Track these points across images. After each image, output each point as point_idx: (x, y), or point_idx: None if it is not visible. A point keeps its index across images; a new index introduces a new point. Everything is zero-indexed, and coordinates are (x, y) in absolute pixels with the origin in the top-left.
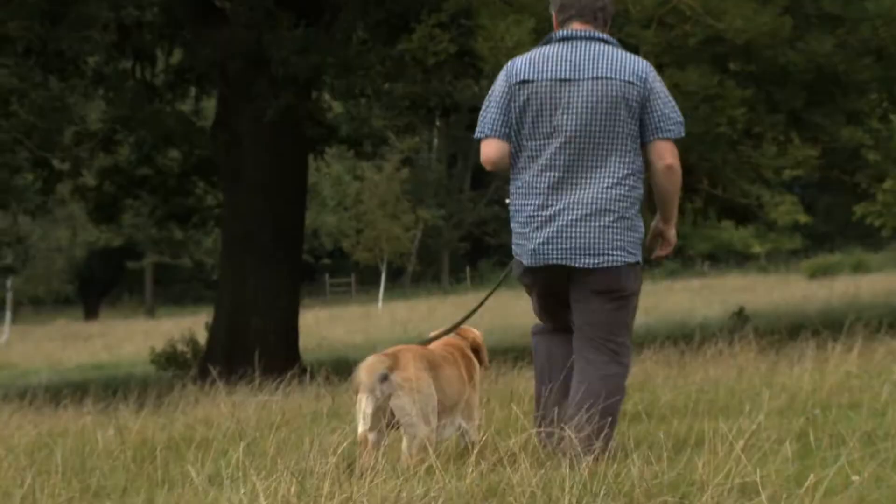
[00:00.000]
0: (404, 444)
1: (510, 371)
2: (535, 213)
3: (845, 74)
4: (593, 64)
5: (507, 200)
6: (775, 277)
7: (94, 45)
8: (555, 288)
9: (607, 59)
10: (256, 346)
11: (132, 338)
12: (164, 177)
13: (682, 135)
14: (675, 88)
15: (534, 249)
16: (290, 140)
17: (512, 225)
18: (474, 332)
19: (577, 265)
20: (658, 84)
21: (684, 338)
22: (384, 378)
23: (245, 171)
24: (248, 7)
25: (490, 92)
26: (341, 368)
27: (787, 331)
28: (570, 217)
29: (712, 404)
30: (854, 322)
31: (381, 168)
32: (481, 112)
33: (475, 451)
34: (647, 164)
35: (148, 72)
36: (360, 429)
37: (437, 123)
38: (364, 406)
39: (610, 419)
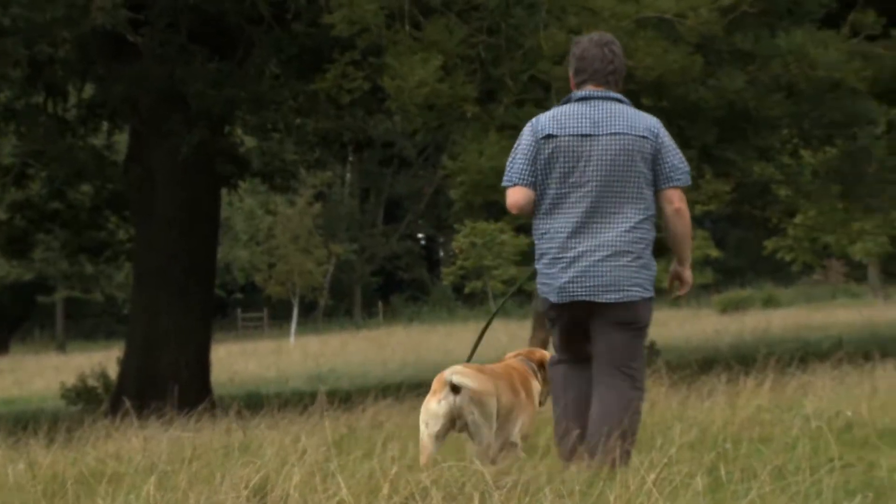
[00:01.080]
0: (471, 448)
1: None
2: (560, 255)
3: (756, 110)
4: (611, 121)
5: (535, 241)
6: (686, 312)
7: (6, 80)
8: (578, 322)
9: (623, 117)
10: (168, 380)
11: (43, 373)
12: (76, 211)
13: (689, 183)
14: None
15: (561, 287)
16: (203, 174)
17: (537, 266)
18: (542, 352)
19: (600, 300)
20: (667, 138)
21: None
22: (457, 389)
23: (157, 206)
24: (160, 42)
25: (516, 145)
26: (253, 403)
27: (698, 365)
28: (593, 258)
29: None
30: (765, 356)
31: (294, 202)
32: (508, 162)
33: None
34: (659, 209)
35: (60, 106)
36: (424, 430)
37: (350, 158)
38: (435, 408)
39: (632, 438)
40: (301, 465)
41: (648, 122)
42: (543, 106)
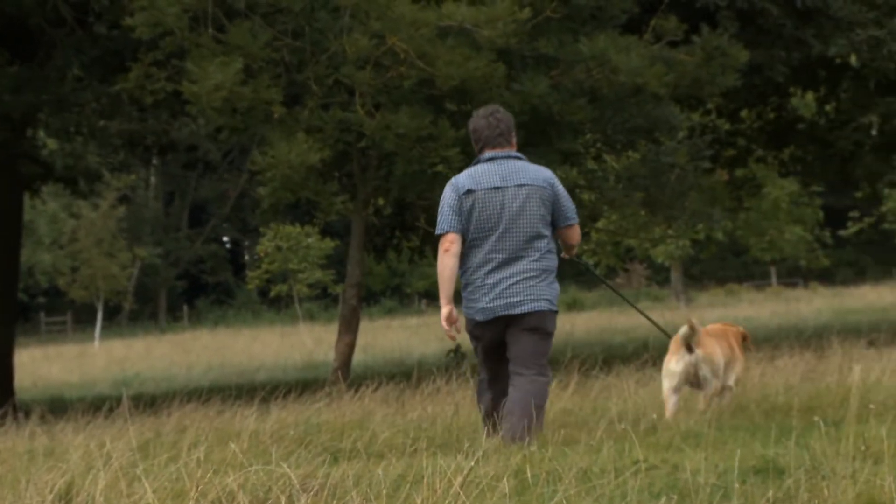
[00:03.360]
0: (703, 394)
1: (228, 409)
2: (482, 284)
3: (560, 115)
4: (516, 175)
5: (460, 275)
6: None
7: None
8: (498, 340)
9: (525, 171)
10: None
11: None
12: None
13: (578, 221)
14: (387, 130)
15: (483, 307)
16: (5, 177)
17: (463, 294)
18: (739, 327)
19: (514, 312)
20: (560, 187)
21: (402, 375)
22: (690, 349)
23: None
24: None
25: (442, 200)
26: (57, 408)
27: None
28: (508, 282)
29: (431, 441)
30: (570, 359)
31: (98, 206)
32: (439, 213)
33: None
34: (560, 240)
35: None
36: (667, 385)
37: (154, 161)
38: (674, 368)
39: (541, 413)
40: (107, 470)
41: (546, 175)
42: (348, 109)
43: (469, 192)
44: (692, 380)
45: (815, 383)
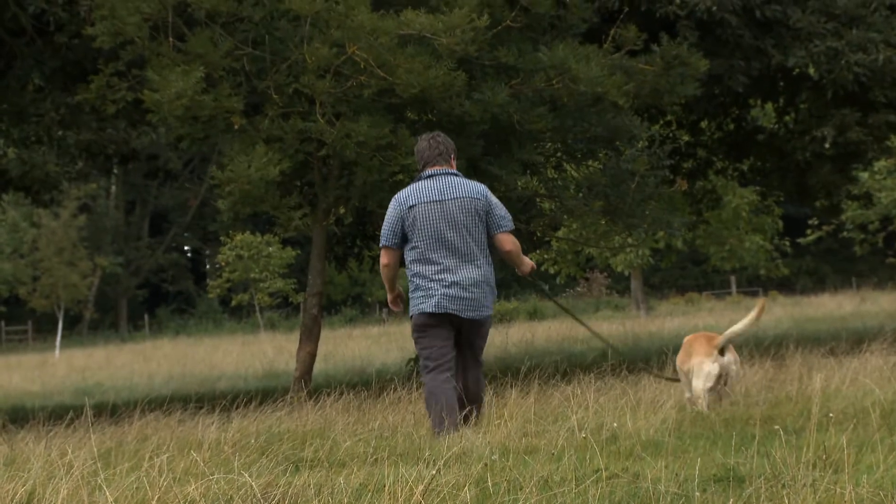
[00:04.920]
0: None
1: (189, 418)
2: (429, 287)
3: (520, 124)
4: (452, 189)
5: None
6: None
7: None
8: (446, 331)
9: (460, 186)
10: None
11: None
12: None
13: (513, 227)
14: (347, 139)
15: (436, 303)
16: None
17: (411, 296)
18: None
19: (465, 317)
20: (493, 197)
21: (363, 384)
22: (723, 353)
23: None
24: None
25: (387, 214)
26: (18, 417)
27: None
28: (458, 287)
29: (392, 450)
30: (531, 368)
31: (58, 215)
32: (383, 227)
33: None
34: (494, 247)
35: None
36: (700, 386)
37: (115, 170)
38: (712, 370)
39: (483, 396)
40: (68, 479)
41: (479, 188)
42: (308, 119)
43: (412, 206)
44: (722, 381)
45: (775, 392)
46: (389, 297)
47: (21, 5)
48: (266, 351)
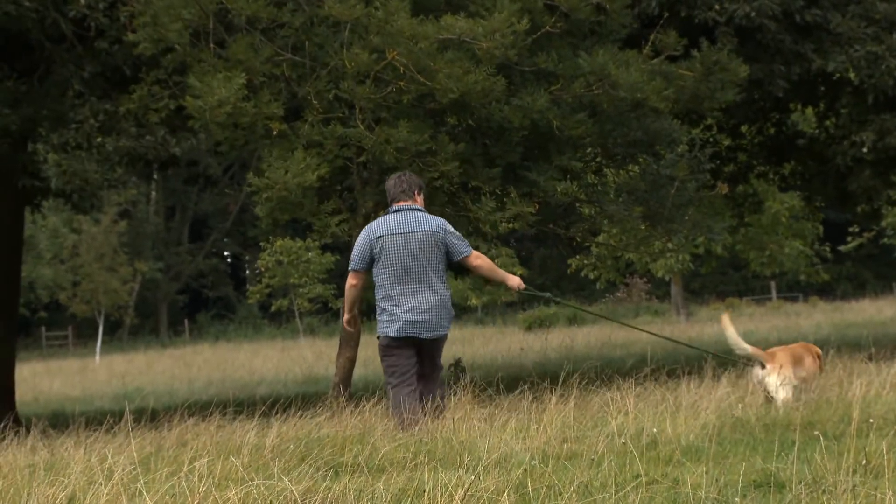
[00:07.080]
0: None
1: (229, 424)
2: (395, 310)
3: (560, 130)
4: (415, 223)
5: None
6: (492, 329)
7: None
8: (409, 352)
9: (423, 220)
10: None
11: None
12: None
13: (471, 251)
14: (387, 144)
15: (398, 329)
16: (5, 192)
17: (378, 317)
18: (817, 348)
19: (423, 337)
20: (450, 229)
21: None
22: (762, 366)
23: None
24: None
25: (357, 242)
26: (59, 422)
27: (504, 382)
28: (418, 310)
29: (431, 455)
30: (570, 374)
31: (99, 221)
32: (353, 253)
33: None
34: (466, 269)
35: None
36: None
37: (155, 176)
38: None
39: (445, 402)
40: (108, 484)
41: (438, 222)
42: (348, 124)
43: (379, 237)
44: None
45: (815, 397)
46: (346, 316)
47: (61, 11)
48: (305, 356)
